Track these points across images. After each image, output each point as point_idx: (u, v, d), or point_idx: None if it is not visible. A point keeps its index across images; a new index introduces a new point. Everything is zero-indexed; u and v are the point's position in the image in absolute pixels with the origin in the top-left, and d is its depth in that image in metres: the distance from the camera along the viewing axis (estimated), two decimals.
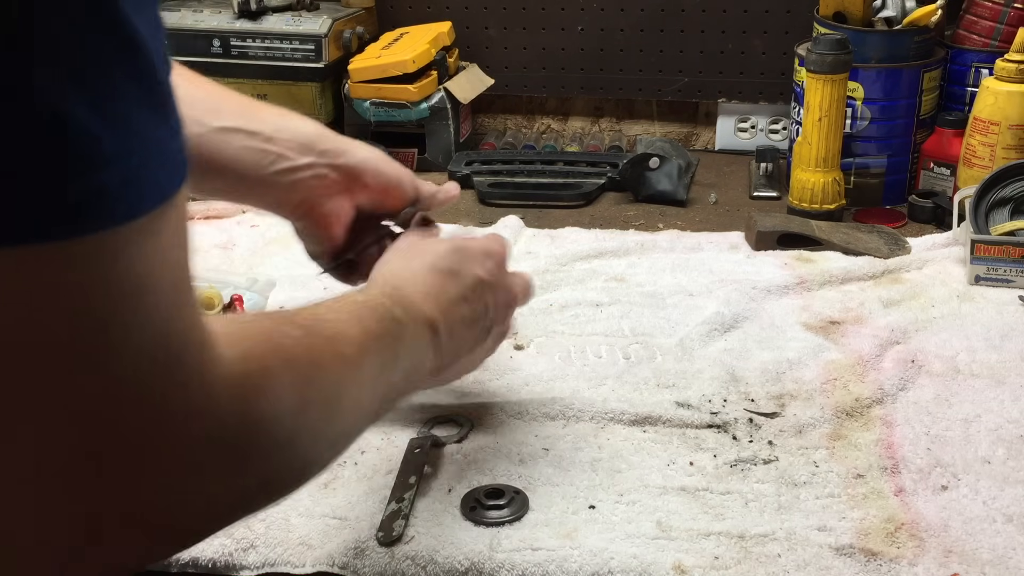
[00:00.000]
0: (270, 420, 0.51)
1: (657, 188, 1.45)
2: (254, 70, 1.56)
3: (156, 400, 0.44)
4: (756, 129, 1.66)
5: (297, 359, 0.55)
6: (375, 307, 0.67)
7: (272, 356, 0.53)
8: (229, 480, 0.49)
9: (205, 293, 1.03)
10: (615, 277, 1.21)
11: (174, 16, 1.57)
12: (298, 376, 0.54)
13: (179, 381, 0.45)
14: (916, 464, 0.85)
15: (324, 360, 0.58)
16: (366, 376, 0.62)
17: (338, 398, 0.58)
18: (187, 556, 0.76)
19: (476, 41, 1.69)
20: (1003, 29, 1.37)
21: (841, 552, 0.75)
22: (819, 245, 1.27)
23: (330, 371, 0.58)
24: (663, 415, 0.92)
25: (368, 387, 0.63)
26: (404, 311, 0.70)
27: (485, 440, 0.89)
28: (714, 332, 1.07)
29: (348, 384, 0.60)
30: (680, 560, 0.74)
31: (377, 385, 0.64)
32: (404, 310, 0.70)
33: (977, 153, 1.30)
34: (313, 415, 0.55)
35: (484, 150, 1.63)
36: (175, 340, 0.45)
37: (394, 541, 0.76)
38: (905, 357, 1.01)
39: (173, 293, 0.45)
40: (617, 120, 1.73)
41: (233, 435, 0.48)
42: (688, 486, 0.83)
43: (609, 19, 1.64)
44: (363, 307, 0.66)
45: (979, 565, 0.74)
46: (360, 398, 0.62)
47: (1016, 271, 1.16)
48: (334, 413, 0.58)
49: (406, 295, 0.72)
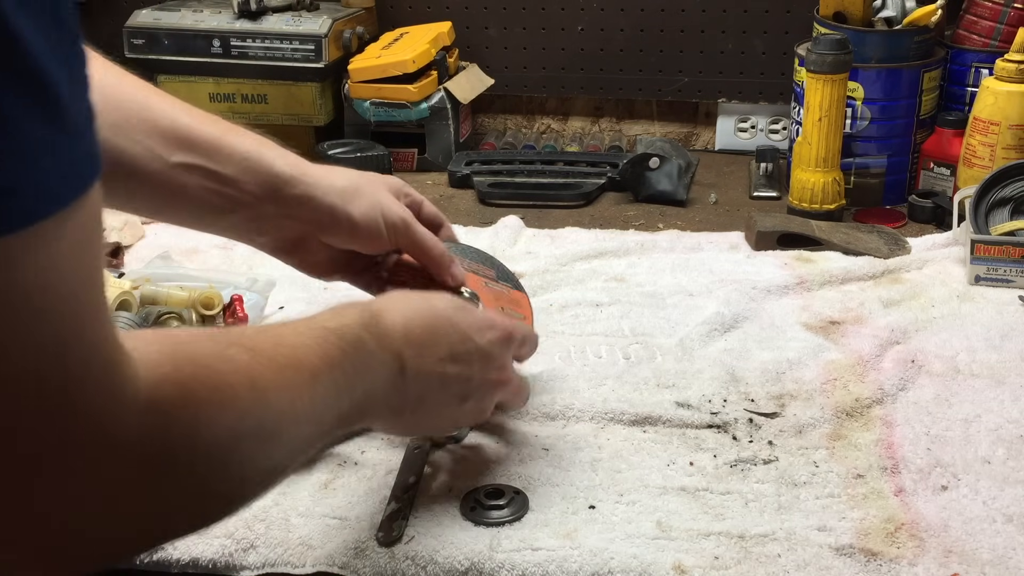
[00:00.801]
0: (187, 449, 0.48)
1: (657, 188, 1.45)
2: (254, 70, 1.56)
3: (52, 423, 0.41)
4: (756, 129, 1.66)
5: (234, 387, 0.52)
6: (344, 333, 0.64)
7: (201, 383, 0.50)
8: (139, 507, 0.47)
9: (205, 293, 1.03)
10: (615, 277, 1.21)
11: (174, 16, 1.57)
12: (231, 406, 0.51)
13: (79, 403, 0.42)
14: (916, 464, 0.85)
15: (268, 390, 0.55)
16: (315, 407, 0.60)
17: (277, 431, 0.56)
18: (187, 556, 0.76)
19: (476, 41, 1.69)
20: (1003, 29, 1.37)
21: (841, 552, 0.75)
22: (819, 245, 1.27)
23: (272, 402, 0.55)
24: (663, 415, 0.92)
25: (314, 419, 0.60)
26: (376, 340, 0.67)
27: (485, 440, 0.89)
28: (714, 332, 1.07)
29: (290, 417, 0.57)
30: (680, 560, 0.74)
31: (325, 416, 0.61)
32: (376, 339, 0.67)
33: (977, 153, 1.30)
34: (245, 448, 0.53)
35: (484, 150, 1.63)
36: (75, 360, 0.42)
37: (394, 541, 0.76)
38: (905, 357, 1.01)
39: (74, 308, 0.42)
40: (617, 120, 1.73)
41: (144, 462, 0.46)
42: (688, 486, 0.83)
43: (609, 19, 1.64)
44: (332, 333, 0.63)
45: (979, 565, 0.74)
46: (302, 431, 0.59)
47: (1016, 271, 1.16)
48: (270, 446, 0.56)
49: (384, 324, 0.69)
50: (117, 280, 1.06)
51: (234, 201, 0.81)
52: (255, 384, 0.54)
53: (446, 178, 1.54)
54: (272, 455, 0.56)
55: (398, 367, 0.69)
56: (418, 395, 0.72)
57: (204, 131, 0.80)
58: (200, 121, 0.80)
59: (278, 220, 0.84)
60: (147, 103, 0.78)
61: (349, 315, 0.67)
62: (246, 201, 0.81)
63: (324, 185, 0.83)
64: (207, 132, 0.80)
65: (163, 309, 1.00)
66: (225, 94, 1.58)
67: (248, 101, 1.58)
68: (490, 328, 0.78)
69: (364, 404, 0.66)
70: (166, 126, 0.78)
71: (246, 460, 0.54)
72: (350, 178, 0.86)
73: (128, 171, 0.77)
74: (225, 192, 0.80)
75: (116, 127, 0.76)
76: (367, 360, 0.66)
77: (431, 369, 0.73)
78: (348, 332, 0.65)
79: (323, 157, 1.50)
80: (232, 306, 1.04)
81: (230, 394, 0.52)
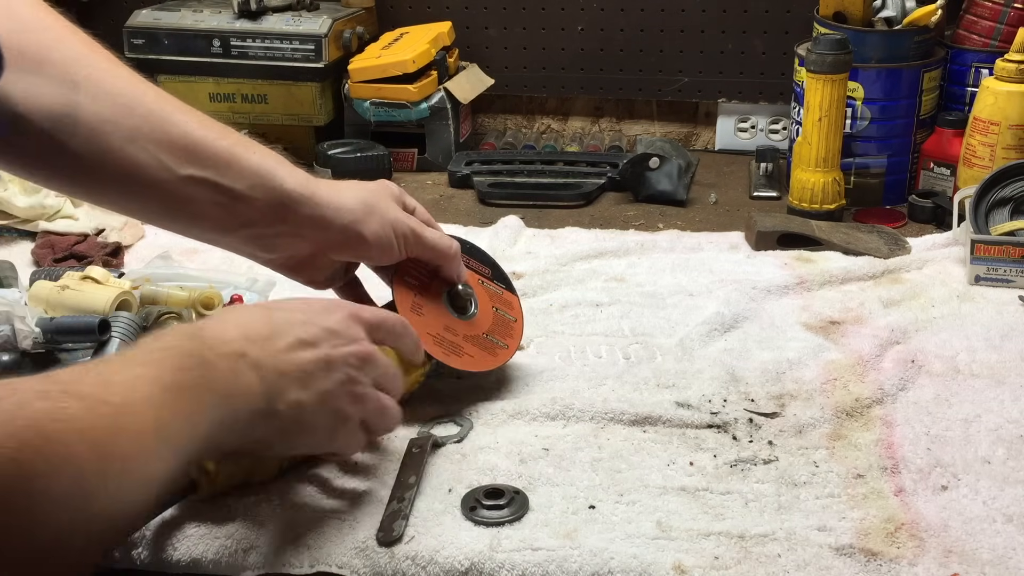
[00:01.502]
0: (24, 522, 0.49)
1: (657, 188, 1.45)
2: (254, 70, 1.56)
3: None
4: (756, 129, 1.66)
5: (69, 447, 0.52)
6: (175, 351, 0.64)
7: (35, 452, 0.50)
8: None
9: (205, 293, 1.03)
10: (615, 277, 1.21)
11: (174, 16, 1.57)
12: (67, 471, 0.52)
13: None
14: (916, 464, 0.85)
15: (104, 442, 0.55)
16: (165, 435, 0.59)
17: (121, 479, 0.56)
18: (188, 556, 0.76)
19: (476, 41, 1.69)
20: (1003, 29, 1.37)
21: (841, 552, 0.75)
22: (819, 245, 1.27)
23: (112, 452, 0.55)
24: (663, 415, 0.92)
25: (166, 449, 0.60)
26: (210, 348, 0.66)
27: (485, 440, 0.89)
28: (714, 332, 1.07)
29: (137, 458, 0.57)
30: (680, 560, 0.74)
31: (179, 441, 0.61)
32: (210, 347, 0.66)
33: (977, 153, 1.30)
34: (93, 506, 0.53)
35: (484, 150, 1.63)
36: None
37: (394, 541, 0.76)
38: (905, 357, 1.01)
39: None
40: (617, 120, 1.73)
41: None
42: (688, 486, 0.83)
43: (609, 19, 1.64)
44: (165, 353, 0.63)
45: (979, 565, 0.74)
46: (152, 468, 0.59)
47: (1016, 271, 1.16)
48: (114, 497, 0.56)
49: (210, 333, 0.68)
50: (117, 280, 1.06)
51: (243, 218, 0.81)
52: (84, 436, 0.54)
53: (446, 178, 1.54)
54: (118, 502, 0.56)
55: (247, 365, 0.68)
56: (283, 390, 0.71)
57: (216, 145, 0.79)
58: (215, 134, 0.80)
59: (288, 239, 0.84)
60: (164, 113, 0.78)
61: (173, 336, 0.67)
62: (255, 218, 0.82)
63: (335, 205, 0.84)
64: (219, 146, 0.79)
65: (163, 309, 1.00)
66: (225, 94, 1.58)
67: (248, 101, 1.58)
68: (333, 309, 0.77)
69: (225, 420, 0.66)
70: (178, 137, 0.78)
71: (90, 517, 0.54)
72: (358, 195, 0.86)
73: (139, 181, 0.78)
74: (234, 208, 0.81)
75: (131, 136, 0.76)
76: (209, 372, 0.65)
77: (283, 359, 0.71)
78: (178, 351, 0.64)
79: (323, 157, 1.50)
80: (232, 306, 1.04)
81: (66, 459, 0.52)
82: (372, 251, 0.87)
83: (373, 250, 0.87)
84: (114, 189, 0.80)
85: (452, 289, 0.94)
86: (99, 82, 0.77)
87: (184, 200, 0.79)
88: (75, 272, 1.06)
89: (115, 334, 0.95)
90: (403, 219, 0.88)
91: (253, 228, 0.82)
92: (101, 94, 0.76)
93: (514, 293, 1.01)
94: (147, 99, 0.78)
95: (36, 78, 0.74)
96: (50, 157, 0.77)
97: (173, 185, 0.78)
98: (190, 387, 0.63)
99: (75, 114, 0.75)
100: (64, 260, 1.22)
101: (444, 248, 0.90)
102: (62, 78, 0.75)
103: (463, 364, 0.92)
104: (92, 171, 0.78)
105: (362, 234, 0.85)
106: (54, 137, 0.75)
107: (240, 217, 0.81)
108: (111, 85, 0.77)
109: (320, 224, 0.83)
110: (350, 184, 0.88)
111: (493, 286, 0.99)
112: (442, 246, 0.90)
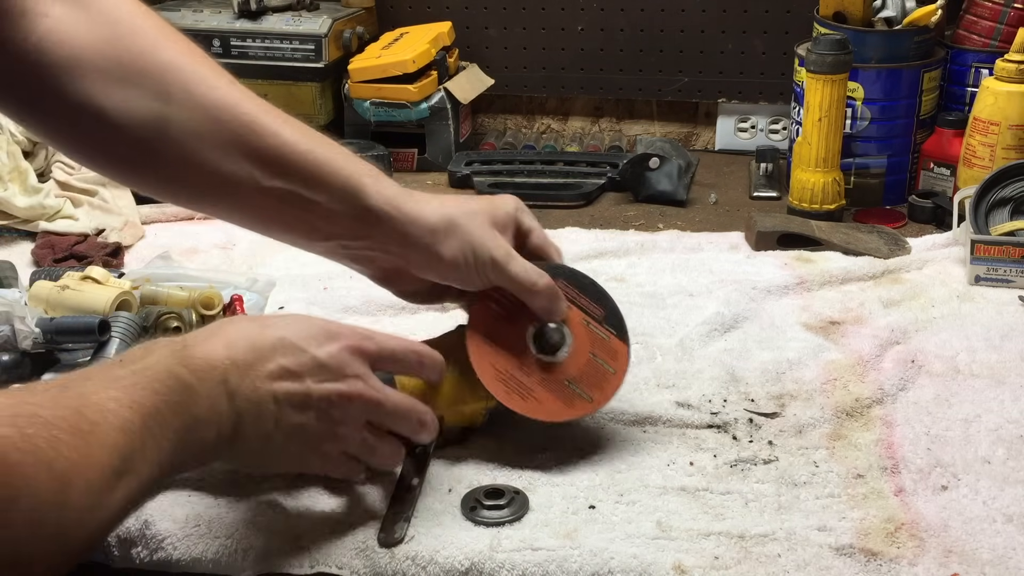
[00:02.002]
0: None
1: (657, 188, 1.45)
2: (254, 70, 1.56)
3: None
4: (756, 129, 1.66)
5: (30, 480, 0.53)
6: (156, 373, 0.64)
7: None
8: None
9: (205, 293, 1.03)
10: (615, 277, 1.21)
11: (174, 16, 1.57)
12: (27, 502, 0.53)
13: None
14: (916, 464, 0.85)
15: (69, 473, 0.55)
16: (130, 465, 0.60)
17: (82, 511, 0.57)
18: (188, 556, 0.76)
19: (476, 41, 1.69)
20: (1003, 29, 1.37)
21: (841, 552, 0.75)
22: (819, 245, 1.27)
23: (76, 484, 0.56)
24: (663, 415, 0.92)
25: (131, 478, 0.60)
26: (193, 372, 0.66)
27: (485, 440, 0.89)
28: (714, 332, 1.07)
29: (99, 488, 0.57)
30: (680, 560, 0.74)
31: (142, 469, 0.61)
32: (193, 371, 0.66)
33: (977, 153, 1.30)
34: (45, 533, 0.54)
35: (484, 150, 1.63)
36: None
37: (395, 542, 0.76)
38: (905, 357, 1.01)
39: None
40: (617, 120, 1.73)
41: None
42: (688, 486, 0.83)
43: (609, 19, 1.64)
44: (142, 375, 0.63)
45: (979, 565, 0.74)
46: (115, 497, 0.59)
47: (1016, 271, 1.16)
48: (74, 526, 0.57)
49: (198, 354, 0.68)
50: (117, 280, 1.06)
51: (328, 231, 0.81)
52: (53, 468, 0.54)
53: (446, 178, 1.54)
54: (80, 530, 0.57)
55: (225, 392, 0.68)
56: (254, 419, 0.70)
57: (306, 157, 0.79)
58: (307, 145, 0.79)
59: (371, 253, 0.83)
60: (256, 124, 0.78)
61: (159, 353, 0.66)
62: (338, 233, 0.82)
63: (418, 223, 0.81)
64: (308, 159, 0.79)
65: (163, 309, 1.00)
66: None
67: None
68: (331, 339, 0.74)
69: (192, 445, 0.65)
70: (267, 148, 0.78)
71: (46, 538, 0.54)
72: (445, 212, 0.82)
73: (228, 191, 0.79)
74: (318, 223, 0.81)
75: (220, 148, 0.77)
76: (187, 397, 0.65)
77: (259, 387, 0.70)
78: (160, 371, 0.64)
79: None
80: (232, 306, 1.04)
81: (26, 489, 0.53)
82: (450, 273, 0.82)
83: (450, 272, 0.82)
84: (205, 198, 0.82)
85: (541, 326, 0.85)
86: (192, 92, 0.78)
87: (273, 210, 0.80)
88: (75, 272, 1.06)
89: (115, 334, 0.95)
90: (488, 245, 0.82)
91: (339, 240, 0.82)
92: (192, 104, 0.77)
93: (625, 342, 0.88)
94: (239, 109, 0.79)
95: (130, 89, 0.76)
96: (142, 166, 0.79)
97: (261, 196, 0.79)
98: (166, 412, 0.63)
99: (166, 126, 0.77)
100: (64, 260, 1.22)
101: (527, 283, 0.83)
102: (155, 88, 0.77)
103: (524, 408, 0.84)
104: (182, 180, 0.79)
105: (440, 254, 0.81)
106: (146, 147, 0.77)
107: (325, 230, 0.81)
108: (203, 96, 0.78)
109: (401, 241, 0.81)
110: (445, 199, 0.84)
111: (600, 330, 0.88)
112: (525, 280, 0.82)
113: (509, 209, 0.87)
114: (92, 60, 0.75)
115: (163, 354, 0.67)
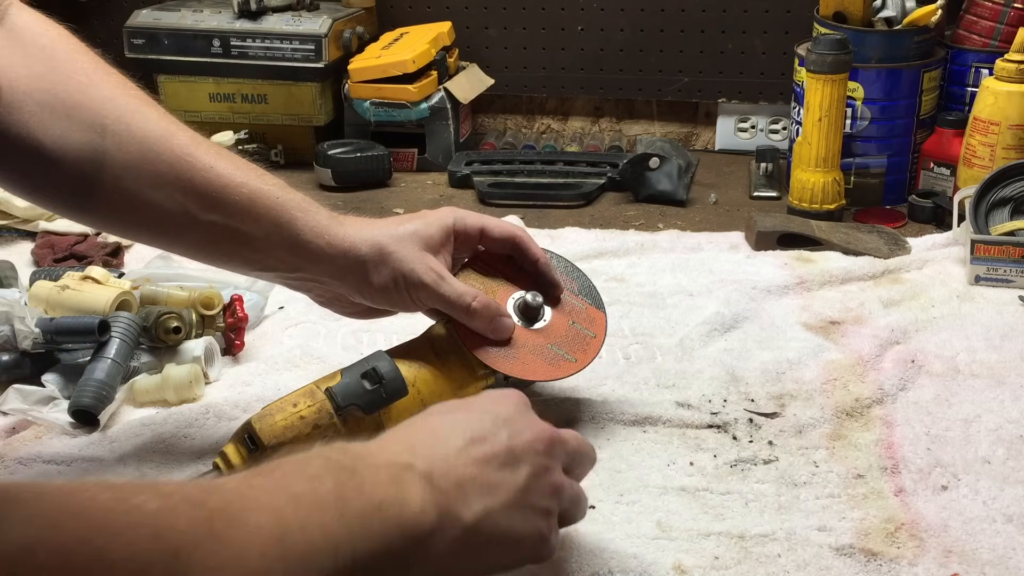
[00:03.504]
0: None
1: (657, 188, 1.45)
2: (254, 70, 1.56)
3: None
4: (756, 129, 1.66)
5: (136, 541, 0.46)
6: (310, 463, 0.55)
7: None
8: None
9: (205, 293, 1.03)
10: (615, 277, 1.21)
11: (174, 16, 1.57)
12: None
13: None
14: (916, 464, 0.85)
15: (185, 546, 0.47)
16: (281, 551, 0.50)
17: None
18: None
19: (476, 41, 1.69)
20: (1003, 29, 1.37)
21: (841, 552, 0.75)
22: (819, 245, 1.27)
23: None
24: (663, 415, 0.92)
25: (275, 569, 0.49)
26: (362, 459, 0.57)
27: None
28: (714, 332, 1.07)
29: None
30: (680, 560, 0.74)
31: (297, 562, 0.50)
32: (362, 458, 0.57)
33: (977, 153, 1.30)
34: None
35: (484, 150, 1.63)
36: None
37: None
38: (905, 357, 1.01)
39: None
40: (617, 120, 1.73)
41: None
42: (688, 486, 0.83)
43: (609, 19, 1.64)
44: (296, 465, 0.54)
45: (979, 565, 0.74)
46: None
47: (1016, 271, 1.16)
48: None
49: (360, 449, 0.59)
50: (117, 280, 1.06)
51: (263, 263, 0.83)
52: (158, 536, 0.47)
53: (446, 178, 1.55)
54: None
55: (415, 476, 0.58)
56: (462, 501, 0.59)
57: (239, 192, 0.79)
58: (239, 179, 0.79)
59: (308, 283, 0.85)
60: (190, 158, 0.79)
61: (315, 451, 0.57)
62: (273, 265, 0.83)
63: (349, 255, 0.81)
64: (241, 192, 0.79)
65: (163, 309, 1.00)
66: (225, 94, 1.58)
67: (248, 101, 1.58)
68: (501, 397, 0.69)
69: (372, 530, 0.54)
70: (202, 183, 0.78)
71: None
72: (375, 241, 0.82)
73: (164, 225, 0.80)
74: (254, 256, 0.82)
75: (155, 183, 0.78)
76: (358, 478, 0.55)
77: (458, 464, 0.60)
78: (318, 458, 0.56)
79: (323, 157, 1.50)
80: (232, 306, 1.04)
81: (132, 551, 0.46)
82: (382, 300, 0.84)
83: (382, 300, 0.84)
84: (143, 231, 0.82)
85: (522, 298, 0.88)
86: (127, 126, 0.78)
87: (211, 244, 0.81)
88: (75, 272, 1.06)
89: (115, 334, 0.95)
90: (418, 269, 0.82)
91: (276, 272, 0.84)
92: (127, 139, 0.78)
93: (601, 310, 0.93)
94: (173, 143, 0.79)
95: (67, 122, 0.76)
96: (81, 199, 0.78)
97: (197, 229, 0.79)
98: (328, 494, 0.53)
99: (101, 160, 0.77)
100: (64, 260, 1.22)
101: (461, 305, 0.82)
102: (91, 123, 0.77)
103: (515, 370, 0.85)
104: (120, 214, 0.80)
105: (371, 283, 0.82)
106: (83, 181, 0.77)
107: (262, 263, 0.83)
108: (138, 129, 0.78)
109: (335, 274, 0.83)
110: (377, 224, 0.84)
111: (575, 300, 0.91)
112: (458, 303, 0.82)
113: (446, 223, 0.85)
114: (29, 94, 0.76)
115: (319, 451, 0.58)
